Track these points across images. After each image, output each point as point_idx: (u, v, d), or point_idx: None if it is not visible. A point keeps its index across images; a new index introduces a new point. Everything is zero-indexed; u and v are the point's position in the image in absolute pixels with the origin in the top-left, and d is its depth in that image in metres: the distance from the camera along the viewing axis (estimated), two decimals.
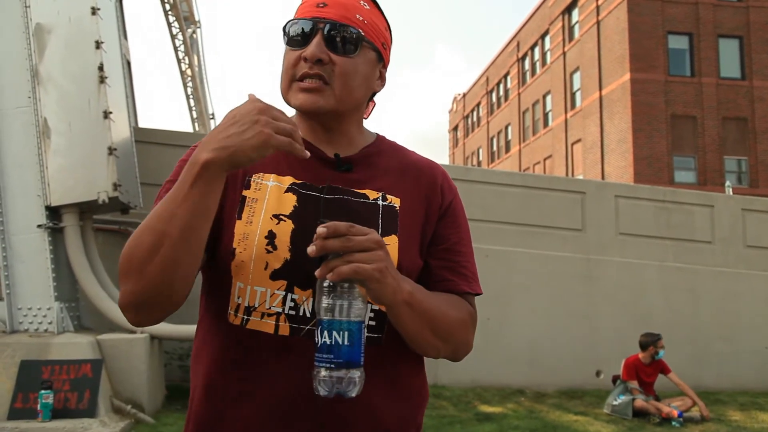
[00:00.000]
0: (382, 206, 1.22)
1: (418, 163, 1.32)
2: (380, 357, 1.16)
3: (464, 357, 1.27)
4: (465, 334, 1.23)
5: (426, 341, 1.16)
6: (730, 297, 9.52)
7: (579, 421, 6.88)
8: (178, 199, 1.02)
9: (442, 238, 1.26)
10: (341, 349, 0.98)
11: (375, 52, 1.24)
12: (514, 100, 34.49)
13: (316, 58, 1.16)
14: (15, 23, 6.50)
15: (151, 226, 1.03)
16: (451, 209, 1.29)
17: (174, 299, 1.08)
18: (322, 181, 1.22)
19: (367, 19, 1.21)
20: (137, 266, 1.04)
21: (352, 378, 0.99)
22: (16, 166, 6.40)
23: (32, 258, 6.32)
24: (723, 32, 23.70)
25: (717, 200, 10.22)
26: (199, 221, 1.03)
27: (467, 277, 1.27)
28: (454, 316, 1.20)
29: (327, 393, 0.99)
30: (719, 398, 8.34)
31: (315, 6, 1.20)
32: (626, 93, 23.12)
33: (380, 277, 1.01)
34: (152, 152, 7.98)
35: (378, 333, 1.17)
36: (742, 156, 23.45)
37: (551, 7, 29.89)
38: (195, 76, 17.29)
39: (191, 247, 1.04)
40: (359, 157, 1.27)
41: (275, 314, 1.13)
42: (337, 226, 1.00)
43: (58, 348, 5.91)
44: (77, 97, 6.48)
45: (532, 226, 9.13)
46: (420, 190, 1.27)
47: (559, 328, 8.76)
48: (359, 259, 0.99)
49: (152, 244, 1.02)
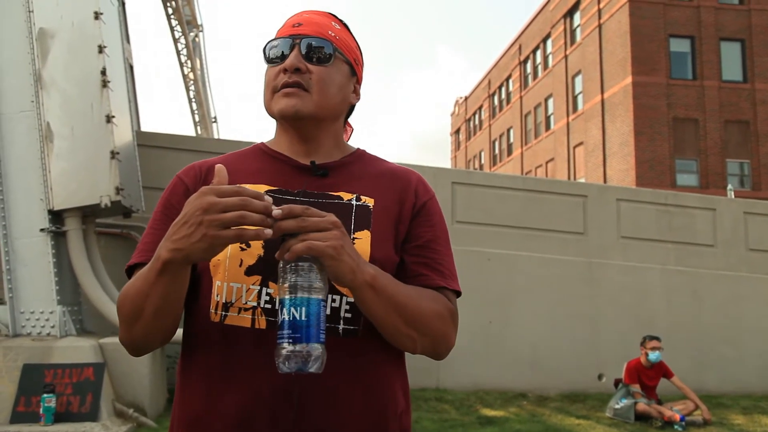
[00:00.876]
0: (356, 206, 1.27)
1: (393, 169, 1.38)
2: (357, 349, 1.20)
3: (446, 354, 1.27)
4: (443, 327, 1.23)
5: (398, 330, 1.17)
6: (732, 300, 9.50)
7: (581, 424, 6.87)
8: (149, 282, 1.11)
9: (416, 236, 1.29)
10: (299, 324, 1.01)
11: (348, 65, 1.33)
12: (516, 103, 34.49)
13: (295, 66, 1.25)
14: (18, 28, 6.53)
15: (131, 297, 1.15)
16: (425, 209, 1.32)
17: (164, 338, 1.21)
18: (297, 186, 1.27)
19: (338, 36, 1.32)
20: (125, 322, 1.18)
21: (312, 353, 1.01)
22: (19, 170, 6.42)
23: (35, 262, 6.34)
24: (725, 35, 23.70)
25: (719, 203, 10.21)
26: (170, 300, 1.13)
27: (442, 273, 1.28)
28: (427, 307, 1.20)
29: (288, 369, 1.01)
30: (722, 402, 8.32)
31: (292, 26, 1.31)
32: (628, 96, 23.12)
33: (335, 254, 1.04)
34: (154, 156, 7.99)
35: (354, 325, 1.20)
36: (745, 159, 23.43)
37: (553, 10, 29.92)
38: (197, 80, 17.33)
39: (165, 319, 1.16)
40: (335, 165, 1.33)
41: (251, 308, 1.18)
42: (292, 207, 1.05)
43: (60, 352, 5.92)
44: (80, 101, 6.50)
45: (534, 230, 9.13)
46: (394, 192, 1.32)
47: (561, 332, 8.75)
48: (314, 237, 1.04)
49: (133, 313, 1.15)
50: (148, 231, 1.27)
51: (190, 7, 16.27)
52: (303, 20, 1.31)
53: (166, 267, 1.07)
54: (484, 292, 8.27)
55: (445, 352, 1.26)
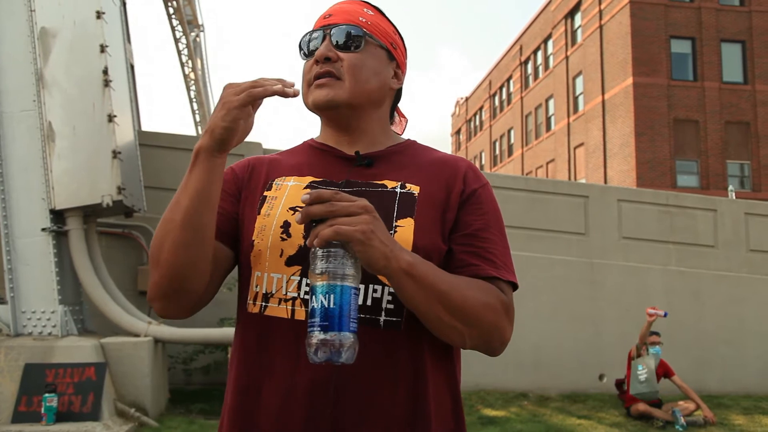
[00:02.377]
0: (400, 193, 1.23)
1: (443, 158, 1.32)
2: (399, 343, 1.15)
3: (501, 349, 1.19)
4: (493, 318, 1.14)
5: (441, 321, 1.10)
6: (733, 301, 9.50)
7: (582, 424, 6.87)
8: (181, 187, 1.13)
9: (464, 224, 1.23)
10: (329, 312, 0.98)
11: (383, 50, 1.31)
12: (516, 103, 34.49)
13: (325, 56, 1.24)
14: (20, 27, 6.53)
15: (163, 217, 1.14)
16: (475, 196, 1.25)
17: (188, 287, 1.15)
18: (342, 177, 1.26)
19: (371, 21, 1.30)
20: (155, 256, 1.14)
21: (343, 343, 0.98)
22: (21, 170, 6.42)
23: (36, 261, 6.33)
24: (726, 37, 23.70)
25: (720, 204, 10.21)
26: (199, 205, 1.11)
27: (494, 263, 1.21)
28: (474, 296, 1.13)
29: (318, 359, 0.99)
30: (723, 402, 8.31)
31: (323, 18, 1.31)
32: (629, 97, 23.12)
33: (364, 239, 1.01)
34: (156, 156, 8.00)
35: (396, 317, 1.15)
36: (745, 160, 23.43)
37: (554, 11, 29.92)
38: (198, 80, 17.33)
39: (196, 231, 1.11)
40: (381, 154, 1.30)
41: (291, 299, 1.17)
42: (321, 193, 1.03)
43: (62, 351, 5.92)
44: (82, 100, 6.50)
45: (535, 230, 9.12)
46: (441, 178, 1.26)
47: (562, 332, 8.75)
48: (342, 222, 1.01)
49: (163, 231, 1.13)
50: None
51: (191, 7, 16.28)
52: (334, 11, 1.30)
53: (196, 157, 1.12)
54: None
55: (499, 347, 1.19)
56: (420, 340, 1.17)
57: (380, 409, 1.13)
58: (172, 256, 1.11)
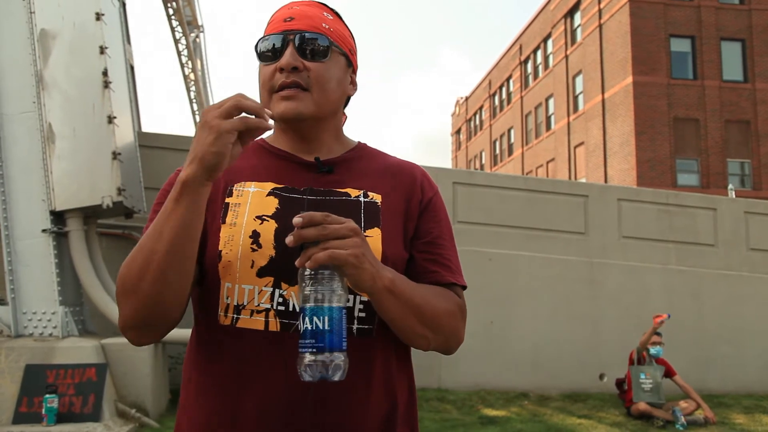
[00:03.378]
0: (364, 202, 1.25)
1: (398, 164, 1.36)
2: (372, 348, 1.19)
3: (456, 348, 1.27)
4: (454, 324, 1.23)
5: (413, 330, 1.17)
6: (733, 300, 9.50)
7: (583, 424, 6.87)
8: (164, 217, 1.06)
9: (424, 232, 1.29)
10: (323, 334, 1.00)
11: (344, 57, 1.30)
12: (516, 103, 34.49)
13: (292, 66, 1.21)
14: (20, 29, 6.54)
15: (141, 245, 1.08)
16: (431, 205, 1.32)
17: (168, 316, 1.13)
18: (303, 184, 1.25)
19: (332, 27, 1.27)
20: (131, 286, 1.08)
21: (335, 362, 1.01)
22: (21, 171, 6.43)
23: (37, 262, 6.34)
24: (725, 35, 23.70)
25: (720, 203, 10.21)
26: (184, 236, 1.06)
27: (451, 269, 1.28)
28: (440, 306, 1.20)
29: (311, 378, 1.01)
30: (723, 401, 8.32)
31: (283, 21, 1.26)
32: (629, 96, 23.12)
33: (356, 263, 1.04)
34: (156, 156, 8.00)
35: (369, 324, 1.19)
36: (745, 159, 23.43)
37: (553, 10, 29.92)
38: (198, 80, 17.34)
39: (179, 263, 1.08)
40: (340, 161, 1.31)
41: (264, 310, 1.16)
42: (313, 215, 1.03)
43: (62, 352, 5.93)
44: (81, 102, 6.51)
45: (534, 230, 9.13)
46: (400, 188, 1.31)
47: (562, 332, 8.75)
48: (335, 245, 1.02)
49: (143, 262, 1.07)
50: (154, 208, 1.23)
51: (191, 8, 16.29)
52: (294, 13, 1.26)
53: (185, 186, 1.04)
54: (485, 293, 8.26)
55: (455, 347, 1.27)
56: (389, 344, 1.23)
57: (358, 412, 1.17)
58: (154, 289, 1.07)
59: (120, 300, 1.12)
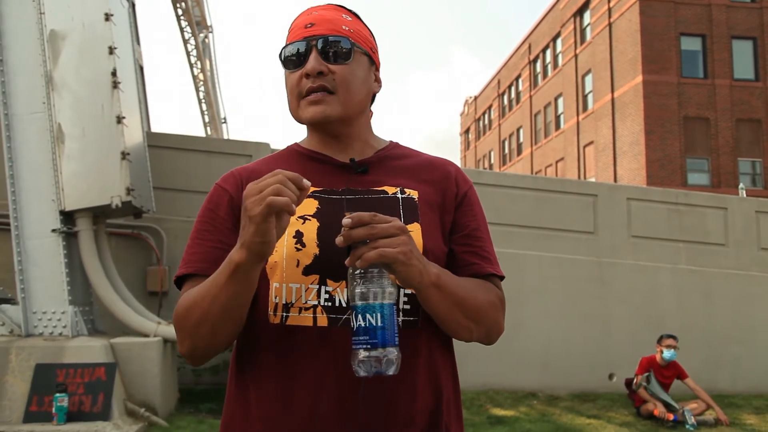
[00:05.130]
0: (402, 198, 1.29)
1: (431, 160, 1.40)
2: (418, 339, 1.23)
3: (497, 339, 1.31)
4: (495, 315, 1.28)
5: (458, 323, 1.21)
6: (744, 300, 9.44)
7: (592, 424, 6.84)
8: (219, 285, 1.12)
9: (461, 226, 1.33)
10: (376, 330, 1.05)
11: (366, 56, 1.33)
12: (525, 102, 34.41)
13: (317, 71, 1.25)
14: (30, 30, 6.57)
15: (198, 302, 1.16)
16: (467, 198, 1.36)
17: (227, 344, 1.22)
18: (341, 185, 1.29)
19: (352, 28, 1.31)
20: (189, 331, 1.18)
21: (388, 357, 1.05)
22: (31, 171, 6.46)
23: (46, 262, 6.38)
24: (736, 33, 23.55)
25: (731, 202, 10.14)
26: (239, 303, 1.14)
27: (489, 260, 1.33)
28: (483, 298, 1.25)
29: (366, 373, 1.05)
30: (734, 401, 8.26)
31: (304, 27, 1.29)
32: (638, 95, 23.01)
33: (405, 260, 1.08)
34: (165, 156, 8.03)
35: (414, 316, 1.23)
36: (757, 158, 23.27)
37: (563, 9, 29.82)
38: (207, 81, 17.38)
39: (233, 321, 1.17)
40: (374, 160, 1.34)
41: (312, 307, 1.20)
42: (361, 216, 1.07)
43: (72, 351, 5.96)
44: (91, 102, 6.54)
45: (544, 229, 9.10)
46: (435, 183, 1.34)
47: (571, 331, 8.73)
48: (384, 244, 1.06)
49: (199, 319, 1.16)
50: (193, 241, 1.28)
51: (200, 8, 16.33)
52: (314, 19, 1.29)
53: (237, 269, 1.09)
54: None
55: (496, 338, 1.31)
56: (434, 336, 1.26)
57: (405, 402, 1.21)
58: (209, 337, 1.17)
59: (178, 335, 1.22)
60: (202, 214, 1.30)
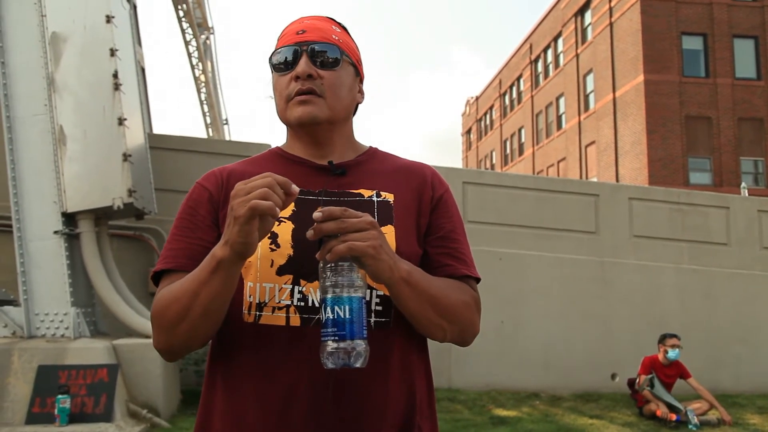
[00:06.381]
0: (377, 202, 1.31)
1: (408, 165, 1.43)
2: (390, 340, 1.25)
3: (472, 340, 1.32)
4: (470, 315, 1.28)
5: (430, 321, 1.22)
6: (747, 299, 9.42)
7: (594, 424, 6.84)
8: (201, 281, 1.13)
9: (436, 228, 1.35)
10: (345, 322, 1.06)
11: (353, 67, 1.37)
12: (527, 102, 34.39)
13: (307, 73, 1.29)
14: (32, 32, 6.59)
15: (179, 298, 1.16)
16: (442, 201, 1.38)
17: (204, 342, 1.23)
18: (318, 187, 1.31)
19: (341, 39, 1.35)
20: (167, 326, 1.19)
21: (357, 349, 1.06)
22: (33, 173, 6.47)
23: (49, 264, 6.39)
24: (738, 32, 23.51)
25: (733, 201, 10.13)
26: (219, 301, 1.15)
27: (465, 262, 1.34)
28: (456, 297, 1.26)
29: (334, 365, 1.06)
30: (737, 401, 8.25)
31: (296, 34, 1.33)
32: (640, 95, 22.99)
33: (374, 254, 1.10)
34: (166, 158, 8.04)
35: (385, 317, 1.24)
36: (759, 157, 23.24)
37: (564, 9, 29.80)
38: (208, 82, 17.40)
39: (213, 318, 1.18)
40: (352, 164, 1.37)
41: (285, 307, 1.22)
42: (332, 210, 1.09)
43: (74, 353, 5.96)
44: (92, 104, 6.55)
45: (545, 229, 9.09)
46: (411, 186, 1.36)
47: (573, 331, 8.72)
48: (353, 238, 1.08)
49: (179, 314, 1.16)
50: (173, 237, 1.29)
51: (201, 10, 16.35)
52: (306, 27, 1.33)
53: (219, 264, 1.10)
54: (496, 292, 8.24)
55: (471, 339, 1.32)
56: (407, 337, 1.28)
57: (377, 403, 1.22)
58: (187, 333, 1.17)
59: (155, 330, 1.22)
60: (182, 212, 1.32)
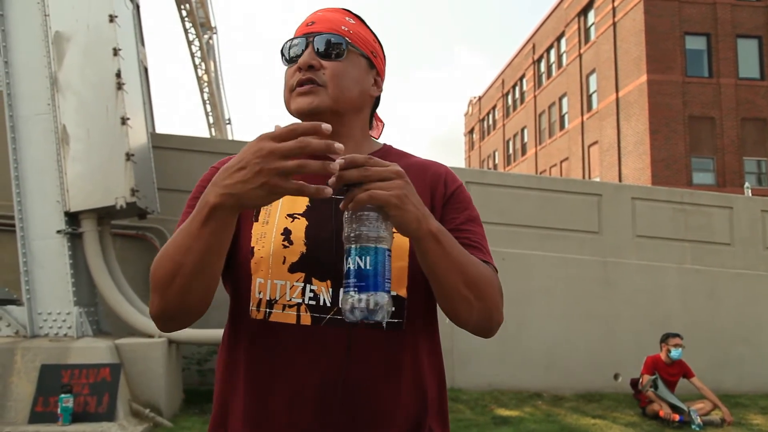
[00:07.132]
0: None
1: (423, 163, 1.40)
2: (402, 341, 1.22)
3: (497, 328, 1.25)
4: (496, 296, 1.21)
5: (458, 291, 1.14)
6: (750, 299, 9.40)
7: (597, 424, 6.83)
8: (192, 234, 1.07)
9: (450, 220, 1.30)
10: (364, 273, 1.02)
11: (364, 58, 1.34)
12: (530, 102, 34.37)
13: (308, 64, 1.27)
14: (35, 32, 6.59)
15: (170, 254, 1.10)
16: (455, 196, 1.34)
17: (194, 312, 1.17)
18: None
19: (352, 30, 1.33)
20: (160, 286, 1.12)
21: (377, 301, 1.01)
22: (36, 173, 6.48)
23: (52, 263, 6.39)
24: (741, 32, 23.47)
25: (736, 202, 10.10)
26: (212, 255, 1.09)
27: (482, 250, 1.28)
28: (485, 272, 1.19)
29: (353, 317, 1.02)
30: (740, 402, 8.23)
31: (306, 25, 1.33)
32: (643, 94, 22.96)
33: (399, 203, 1.04)
34: (169, 158, 8.04)
35: (398, 318, 1.22)
36: (762, 157, 23.20)
37: (567, 9, 29.78)
38: (211, 82, 17.41)
39: (205, 277, 1.11)
40: None
41: (296, 305, 1.20)
42: (355, 157, 1.04)
43: (77, 352, 5.97)
44: (95, 103, 6.55)
45: (548, 229, 9.08)
46: (425, 183, 1.33)
47: (576, 332, 8.71)
48: (377, 186, 1.03)
49: (171, 271, 1.10)
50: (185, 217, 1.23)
51: (204, 10, 16.36)
52: (316, 18, 1.32)
53: (213, 213, 1.03)
54: None
55: (496, 326, 1.25)
56: (419, 339, 1.25)
57: (387, 404, 1.20)
58: (180, 294, 1.11)
59: (152, 294, 1.16)
60: (195, 191, 1.28)
